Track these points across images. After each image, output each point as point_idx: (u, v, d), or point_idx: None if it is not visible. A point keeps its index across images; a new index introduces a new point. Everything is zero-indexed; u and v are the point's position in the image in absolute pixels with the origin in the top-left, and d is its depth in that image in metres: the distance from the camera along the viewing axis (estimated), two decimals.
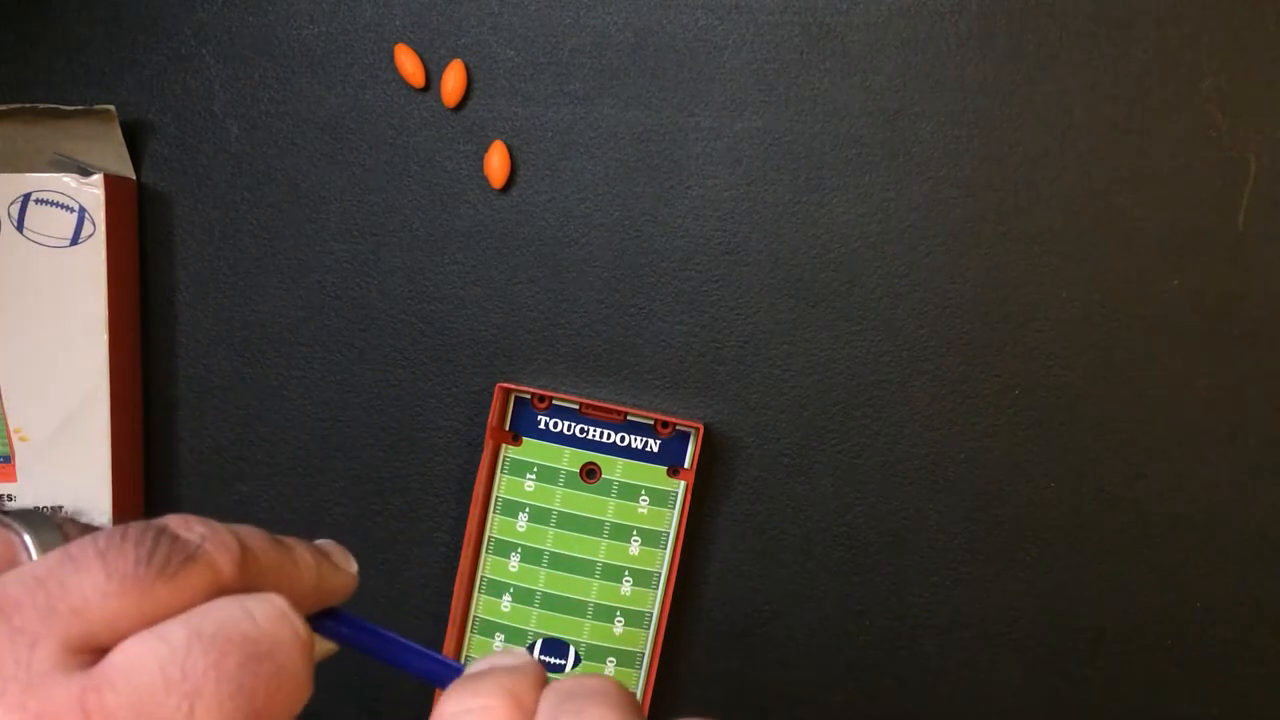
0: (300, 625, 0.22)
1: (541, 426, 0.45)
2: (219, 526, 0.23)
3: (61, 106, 0.42)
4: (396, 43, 0.45)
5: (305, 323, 0.46)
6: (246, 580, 0.23)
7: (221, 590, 0.22)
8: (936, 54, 0.45)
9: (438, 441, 0.46)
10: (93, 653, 0.20)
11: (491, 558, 0.45)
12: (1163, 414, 0.45)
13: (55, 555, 0.21)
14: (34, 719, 0.19)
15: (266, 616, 0.22)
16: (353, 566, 0.27)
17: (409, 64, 0.45)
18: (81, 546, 0.21)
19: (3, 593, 0.20)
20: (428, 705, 0.46)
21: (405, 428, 0.46)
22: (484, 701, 0.23)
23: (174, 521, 0.23)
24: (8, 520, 0.23)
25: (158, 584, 0.21)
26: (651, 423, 0.45)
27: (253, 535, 0.24)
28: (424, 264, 0.46)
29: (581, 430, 0.45)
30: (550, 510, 0.45)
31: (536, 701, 0.23)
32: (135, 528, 0.22)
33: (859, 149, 0.45)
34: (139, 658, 0.20)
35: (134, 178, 0.45)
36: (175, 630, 0.21)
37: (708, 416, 0.46)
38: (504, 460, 0.45)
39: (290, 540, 0.26)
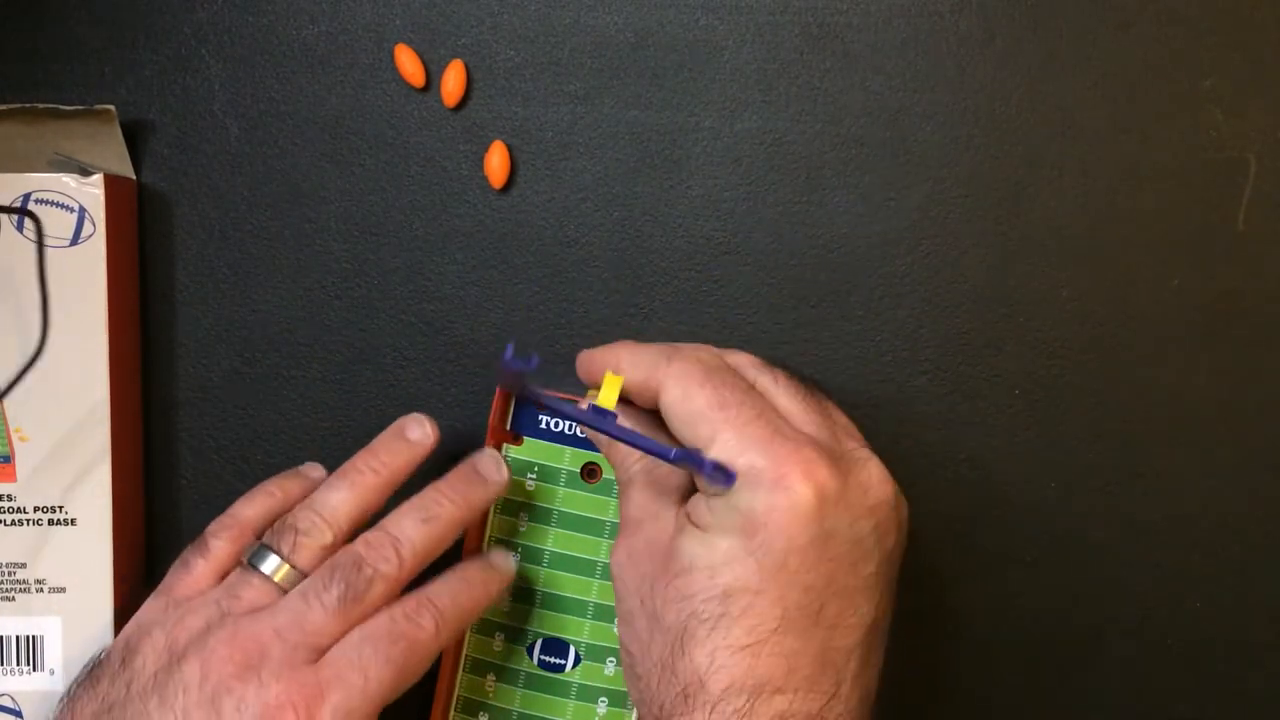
0: (429, 619, 0.38)
1: (542, 426, 0.45)
2: (383, 542, 0.39)
3: (61, 106, 0.42)
4: (396, 43, 0.45)
5: (305, 323, 0.46)
6: (413, 568, 0.39)
7: (397, 584, 0.38)
8: (936, 54, 0.45)
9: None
10: (317, 653, 0.37)
11: None
12: (1163, 414, 0.45)
13: (295, 600, 0.38)
14: (293, 688, 0.36)
15: (405, 617, 0.38)
16: (500, 475, 0.42)
17: (409, 64, 0.45)
18: (303, 593, 0.38)
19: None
20: (428, 705, 0.46)
21: None
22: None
23: (356, 551, 0.39)
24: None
25: (353, 608, 0.37)
26: None
27: (408, 527, 0.39)
28: (424, 264, 0.46)
29: (582, 430, 0.45)
30: (551, 510, 0.45)
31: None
32: (335, 569, 0.38)
33: (859, 149, 0.45)
34: (343, 654, 0.37)
35: (134, 178, 0.45)
36: (354, 636, 0.37)
37: None
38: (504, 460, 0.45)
39: (439, 508, 0.40)
